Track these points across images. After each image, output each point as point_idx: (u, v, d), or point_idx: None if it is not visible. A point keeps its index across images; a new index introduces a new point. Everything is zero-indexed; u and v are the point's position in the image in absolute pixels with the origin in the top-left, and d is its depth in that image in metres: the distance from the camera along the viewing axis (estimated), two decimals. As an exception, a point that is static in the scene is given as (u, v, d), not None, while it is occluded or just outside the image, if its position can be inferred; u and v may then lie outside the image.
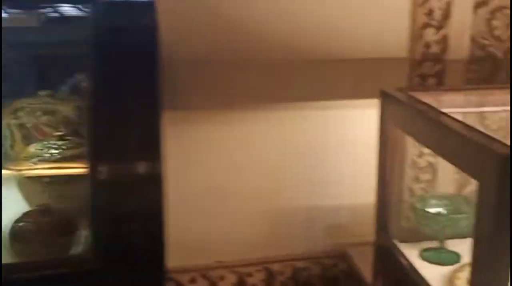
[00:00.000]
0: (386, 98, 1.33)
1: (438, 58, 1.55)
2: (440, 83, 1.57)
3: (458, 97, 1.46)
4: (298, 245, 1.62)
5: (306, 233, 1.62)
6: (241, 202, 1.56)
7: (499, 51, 1.57)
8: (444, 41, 1.54)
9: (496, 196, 0.95)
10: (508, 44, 1.58)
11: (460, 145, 1.05)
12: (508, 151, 0.96)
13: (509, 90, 1.51)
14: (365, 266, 1.46)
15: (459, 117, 1.45)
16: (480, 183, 0.99)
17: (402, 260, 1.35)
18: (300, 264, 1.63)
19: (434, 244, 1.41)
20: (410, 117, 1.23)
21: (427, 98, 1.31)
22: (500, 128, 1.64)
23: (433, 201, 1.43)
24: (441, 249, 1.39)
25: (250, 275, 1.61)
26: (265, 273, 1.61)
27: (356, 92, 1.53)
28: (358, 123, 1.54)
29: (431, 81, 1.57)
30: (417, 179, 1.62)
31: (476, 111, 1.54)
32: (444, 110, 1.33)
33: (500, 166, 0.94)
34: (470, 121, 1.58)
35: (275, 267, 1.62)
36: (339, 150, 1.56)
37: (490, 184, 0.96)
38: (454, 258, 1.37)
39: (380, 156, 1.38)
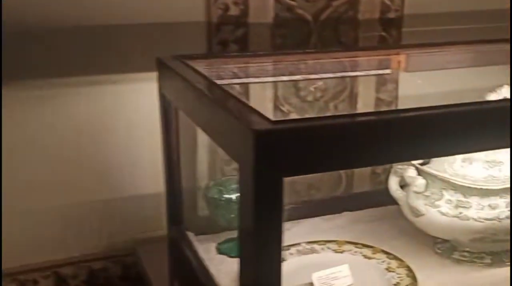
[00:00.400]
0: (162, 69, 1.13)
1: (239, 22, 1.36)
2: (243, 49, 1.38)
3: (252, 65, 1.28)
4: (93, 243, 1.40)
5: (103, 229, 1.40)
6: (17, 198, 1.31)
7: (308, 13, 1.41)
8: (244, 1, 1.35)
9: (255, 181, 0.77)
10: (319, 5, 1.41)
11: (221, 120, 0.86)
12: (268, 126, 0.78)
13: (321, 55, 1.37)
14: (160, 264, 1.26)
15: (247, 88, 1.28)
16: (240, 166, 0.80)
17: (192, 255, 1.16)
18: (97, 265, 1.41)
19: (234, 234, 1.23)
20: (180, 90, 1.03)
21: (210, 67, 1.13)
22: (317, 99, 1.50)
23: (234, 186, 1.25)
24: (240, 239, 1.21)
25: (35, 282, 1.37)
26: (54, 278, 1.38)
27: (148, 64, 1.31)
28: (150, 100, 1.31)
29: (234, 47, 1.38)
30: (230, 160, 1.44)
31: (275, 81, 1.37)
32: (230, 81, 1.16)
33: (256, 145, 0.75)
34: (268, 91, 1.42)
35: (67, 270, 1.39)
36: (127, 133, 1.34)
37: (248, 166, 0.77)
38: (255, 249, 1.20)
39: (164, 137, 1.18)
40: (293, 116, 1.46)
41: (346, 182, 1.55)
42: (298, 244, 1.20)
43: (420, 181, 1.13)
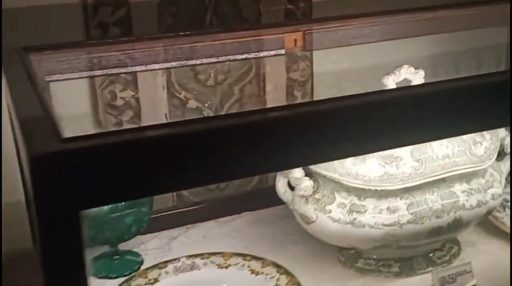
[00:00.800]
0: (4, 65, 0.96)
1: (119, 1, 1.19)
2: (127, 32, 1.22)
3: (138, 50, 1.11)
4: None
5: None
6: None
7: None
8: (122, -23, 1.18)
9: (40, 216, 0.61)
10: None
11: (17, 135, 0.70)
12: (51, 147, 0.62)
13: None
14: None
15: (135, 77, 1.14)
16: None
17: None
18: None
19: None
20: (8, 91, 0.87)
21: (90, 55, 0.98)
22: (219, 83, 1.33)
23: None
24: (115, 255, 1.06)
25: None
26: None
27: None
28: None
29: (115, 31, 1.21)
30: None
31: (168, 67, 1.21)
32: (109, 71, 1.00)
33: (34, 172, 0.59)
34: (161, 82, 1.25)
35: None
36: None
37: (32, 197, 0.61)
38: (133, 264, 1.05)
39: (15, 142, 1.03)
40: (192, 103, 1.30)
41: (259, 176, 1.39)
42: (177, 259, 1.05)
43: (306, 183, 0.98)
